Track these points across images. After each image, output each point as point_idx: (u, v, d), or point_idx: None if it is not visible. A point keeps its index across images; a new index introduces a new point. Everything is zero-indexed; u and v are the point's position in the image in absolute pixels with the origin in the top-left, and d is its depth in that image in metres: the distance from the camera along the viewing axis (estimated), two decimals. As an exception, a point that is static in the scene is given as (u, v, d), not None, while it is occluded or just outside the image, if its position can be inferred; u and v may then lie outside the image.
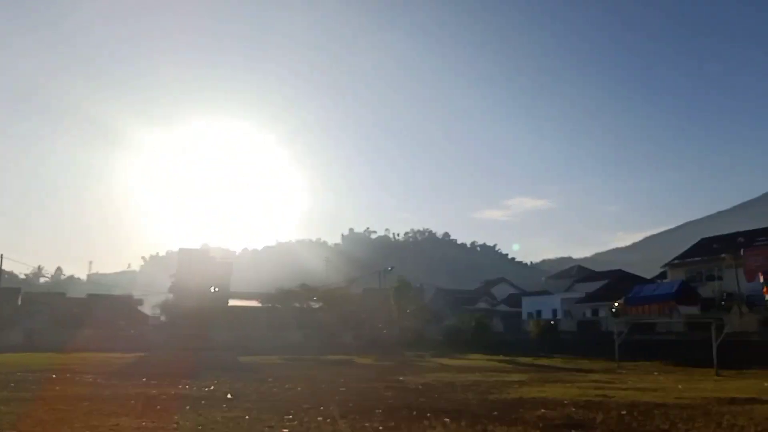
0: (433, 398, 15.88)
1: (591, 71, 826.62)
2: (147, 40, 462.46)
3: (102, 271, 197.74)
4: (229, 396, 15.80)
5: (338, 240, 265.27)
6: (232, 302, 55.04)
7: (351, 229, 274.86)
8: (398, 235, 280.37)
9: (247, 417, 11.91)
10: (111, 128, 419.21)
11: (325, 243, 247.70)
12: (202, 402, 14.36)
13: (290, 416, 11.98)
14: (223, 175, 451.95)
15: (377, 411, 12.94)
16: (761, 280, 38.66)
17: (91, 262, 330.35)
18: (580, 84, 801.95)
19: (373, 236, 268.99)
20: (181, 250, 57.91)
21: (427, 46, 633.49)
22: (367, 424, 10.99)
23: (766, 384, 20.71)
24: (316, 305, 56.76)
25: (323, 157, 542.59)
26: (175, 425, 10.93)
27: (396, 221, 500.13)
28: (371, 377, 22.98)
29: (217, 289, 54.30)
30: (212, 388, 17.99)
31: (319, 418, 11.73)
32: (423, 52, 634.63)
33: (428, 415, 12.30)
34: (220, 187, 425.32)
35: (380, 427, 10.69)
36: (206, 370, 25.25)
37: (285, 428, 10.56)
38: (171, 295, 54.08)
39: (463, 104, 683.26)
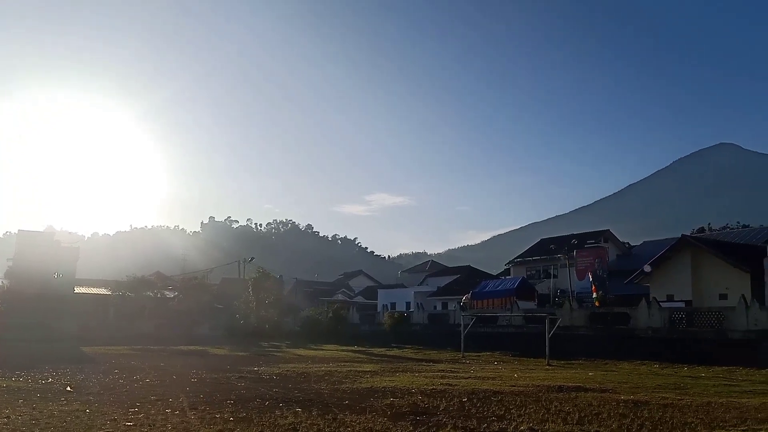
0: (287, 388, 16.04)
1: (452, 78, 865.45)
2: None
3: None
4: (68, 389, 14.88)
5: (198, 228, 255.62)
6: (78, 290, 51.21)
7: (212, 218, 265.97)
8: (261, 225, 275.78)
9: (87, 410, 11.36)
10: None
11: (183, 230, 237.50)
12: (38, 395, 13.44)
13: (135, 409, 11.59)
14: (72, 153, 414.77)
15: (229, 402, 12.88)
16: (590, 278, 42.91)
17: None
18: (440, 90, 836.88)
19: (235, 226, 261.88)
20: (20, 232, 52.77)
21: (299, 33, 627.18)
22: (217, 415, 10.93)
23: (590, 374, 23.11)
24: (170, 294, 54.47)
25: (186, 140, 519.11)
26: (6, 419, 10.18)
27: (259, 212, 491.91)
28: (225, 368, 22.61)
29: (61, 275, 50.25)
30: (50, 380, 16.81)
31: (167, 410, 11.47)
32: (295, 40, 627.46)
33: (280, 405, 12.47)
34: (68, 167, 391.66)
35: (231, 418, 10.69)
36: (44, 361, 23.40)
37: (129, 421, 10.21)
38: (8, 281, 49.15)
39: (332, 99, 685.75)
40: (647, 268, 40.02)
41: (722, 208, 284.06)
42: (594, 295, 40.84)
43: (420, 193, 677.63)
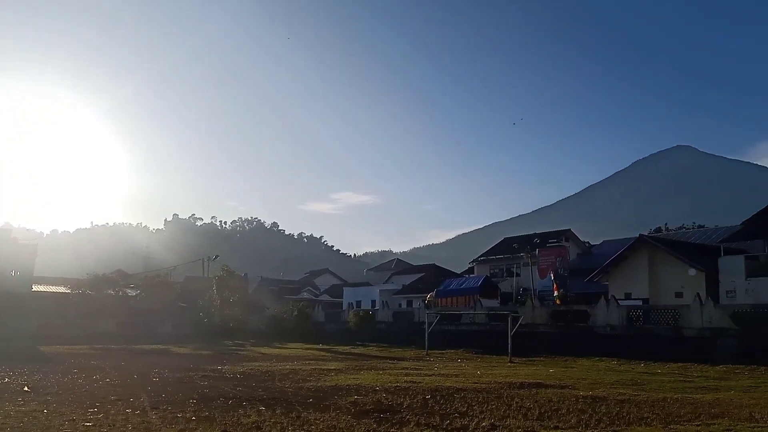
0: (251, 387, 15.97)
1: (419, 77, 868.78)
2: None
3: None
4: (26, 389, 14.53)
5: (161, 225, 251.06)
6: (36, 288, 49.90)
7: (175, 215, 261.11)
8: (225, 223, 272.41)
9: (45, 411, 11.14)
10: None
11: (146, 228, 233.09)
12: (-7, 396, 13.10)
13: (95, 409, 11.41)
14: (30, 148, 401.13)
15: (191, 401, 12.78)
16: (551, 277, 43.68)
17: None
18: (406, 90, 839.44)
19: (199, 223, 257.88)
20: (-26, 228, 51.23)
21: (267, 29, 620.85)
22: (179, 415, 10.84)
23: (551, 370, 23.57)
24: (132, 293, 53.48)
25: (150, 136, 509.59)
26: (-42, 422, 9.92)
27: (224, 209, 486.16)
28: (188, 367, 22.35)
29: (18, 273, 48.92)
30: (6, 380, 16.38)
31: (128, 410, 11.32)
32: (262, 36, 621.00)
33: (244, 403, 12.42)
34: (26, 162, 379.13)
35: (193, 417, 10.62)
36: (0, 361, 22.78)
37: (88, 422, 10.05)
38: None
39: (299, 97, 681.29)
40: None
41: (679, 209, 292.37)
42: (555, 293, 41.55)
43: (386, 191, 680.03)
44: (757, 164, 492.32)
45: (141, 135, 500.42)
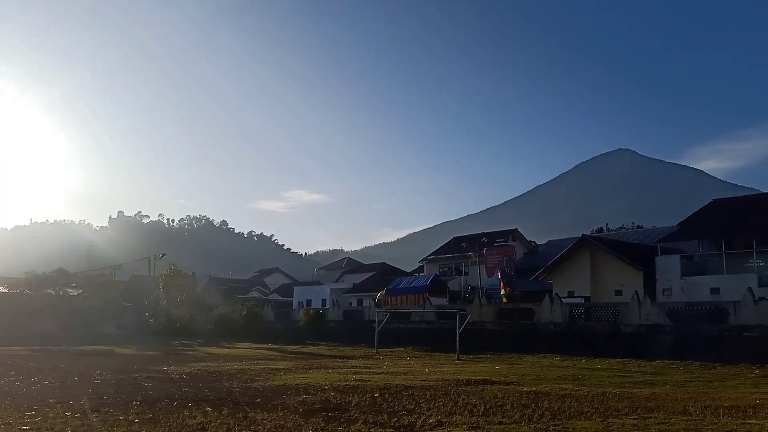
0: (197, 388, 15.73)
1: (369, 77, 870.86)
2: None
3: None
4: (-43, 393, 13.92)
5: (105, 223, 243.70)
6: (-29, 287, 47.88)
7: (121, 212, 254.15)
8: (173, 221, 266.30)
9: (-21, 415, 10.71)
10: None
11: (90, 225, 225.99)
12: None
13: (33, 412, 11.04)
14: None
15: (134, 403, 12.51)
16: (498, 275, 44.53)
17: None
18: (357, 89, 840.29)
19: (146, 221, 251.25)
20: None
21: (216, 25, 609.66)
22: (121, 417, 10.60)
23: (497, 367, 24.07)
24: (74, 292, 51.81)
25: (94, 132, 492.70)
26: None
27: (171, 207, 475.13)
28: (132, 368, 21.82)
29: (-50, 271, 46.84)
30: (-65, 385, 15.65)
31: (67, 413, 11.00)
32: (212, 32, 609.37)
33: (189, 404, 12.24)
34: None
35: (136, 420, 10.41)
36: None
37: (25, 425, 9.72)
38: None
39: (250, 94, 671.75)
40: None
41: (619, 210, 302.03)
42: (502, 291, 42.31)
43: (338, 190, 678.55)
44: (692, 167, 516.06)
45: (85, 129, 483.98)
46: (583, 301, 36.99)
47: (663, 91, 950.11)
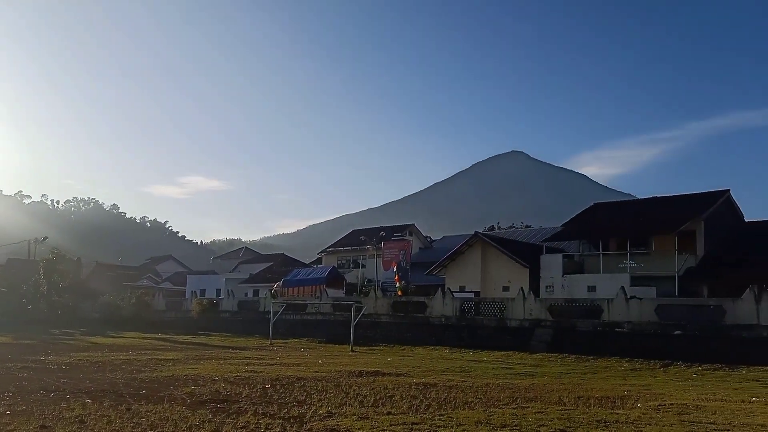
0: (77, 379, 14.99)
1: (274, 67, 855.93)
2: None
3: None
4: None
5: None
6: None
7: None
8: (58, 203, 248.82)
9: None
10: None
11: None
12: None
13: None
14: None
15: (6, 394, 11.77)
16: (394, 269, 45.46)
17: None
18: (261, 77, 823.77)
19: (27, 201, 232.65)
20: None
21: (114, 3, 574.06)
22: (-10, 410, 9.96)
23: (389, 359, 24.60)
24: (-61, 277, 47.62)
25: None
26: None
27: (57, 188, 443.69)
28: (6, 358, 20.42)
29: None
30: None
31: (-71, 407, 10.19)
32: (106, 5, 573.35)
33: (68, 396, 11.69)
34: None
35: (7, 411, 9.82)
36: None
37: None
38: None
39: (146, 73, 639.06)
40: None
41: (510, 210, 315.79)
42: (397, 284, 43.29)
43: (238, 178, 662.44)
44: (577, 172, 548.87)
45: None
46: (473, 295, 38.47)
47: (556, 96, 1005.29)
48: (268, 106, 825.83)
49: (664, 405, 12.34)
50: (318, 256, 65.33)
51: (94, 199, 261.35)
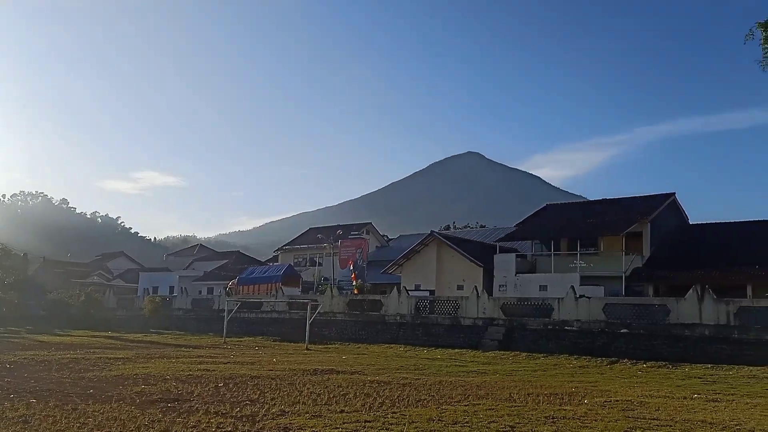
0: (21, 378, 14.56)
1: (232, 65, 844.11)
2: None
3: None
4: None
5: None
6: None
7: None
8: (4, 196, 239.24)
9: None
10: None
11: None
12: None
13: None
14: None
15: (-56, 396, 11.36)
16: (351, 267, 45.52)
17: None
18: (219, 74, 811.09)
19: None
20: None
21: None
22: (-75, 413, 9.61)
23: (344, 357, 24.63)
24: None
25: None
26: None
27: (2, 181, 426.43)
28: (-58, 358, 19.64)
29: None
30: None
31: None
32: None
33: (11, 396, 11.37)
34: None
35: (-57, 414, 9.50)
36: None
37: None
38: None
39: (99, 65, 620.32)
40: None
41: (465, 210, 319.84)
42: (353, 283, 43.35)
43: (193, 174, 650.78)
44: (531, 173, 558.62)
45: None
46: (428, 294, 38.85)
47: (512, 99, 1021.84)
48: (227, 102, 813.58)
49: (610, 401, 12.76)
50: (274, 254, 64.80)
51: (42, 193, 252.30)
